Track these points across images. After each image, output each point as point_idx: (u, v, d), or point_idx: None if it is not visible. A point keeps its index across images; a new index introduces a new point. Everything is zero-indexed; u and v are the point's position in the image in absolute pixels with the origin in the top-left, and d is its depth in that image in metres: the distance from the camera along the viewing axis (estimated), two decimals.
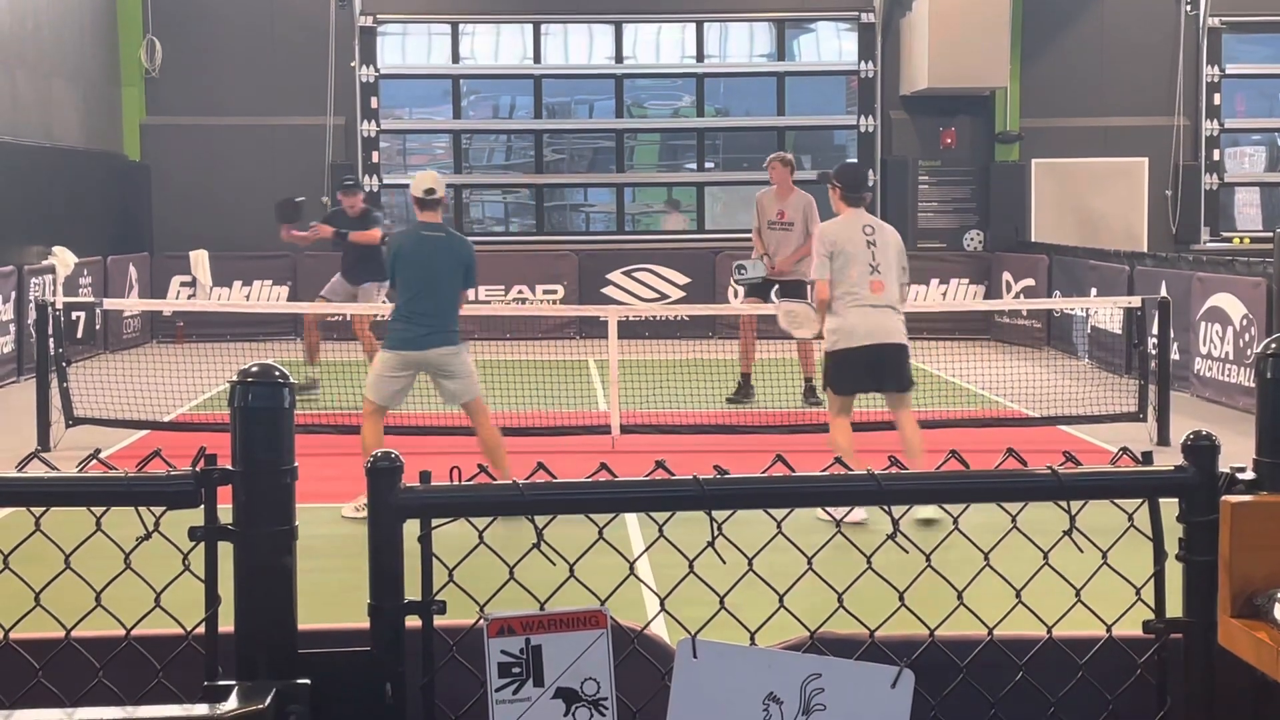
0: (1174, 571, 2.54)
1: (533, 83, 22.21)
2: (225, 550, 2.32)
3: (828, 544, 2.79)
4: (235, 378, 2.31)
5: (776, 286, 14.40)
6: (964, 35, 20.17)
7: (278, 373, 2.32)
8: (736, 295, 14.96)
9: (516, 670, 2.33)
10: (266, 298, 20.28)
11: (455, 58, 22.14)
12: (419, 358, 9.64)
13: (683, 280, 20.66)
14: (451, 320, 9.70)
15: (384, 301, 14.01)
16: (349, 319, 15.95)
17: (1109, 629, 2.63)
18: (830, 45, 22.58)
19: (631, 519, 8.29)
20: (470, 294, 9.88)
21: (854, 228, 9.52)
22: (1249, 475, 2.46)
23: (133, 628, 2.52)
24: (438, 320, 9.61)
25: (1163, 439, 11.95)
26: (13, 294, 16.16)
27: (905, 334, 9.61)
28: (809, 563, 2.61)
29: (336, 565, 7.35)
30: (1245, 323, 14.10)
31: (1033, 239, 21.07)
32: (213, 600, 2.34)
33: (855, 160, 20.22)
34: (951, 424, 12.54)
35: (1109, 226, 21.32)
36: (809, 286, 13.99)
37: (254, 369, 2.32)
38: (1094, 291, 17.47)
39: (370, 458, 2.38)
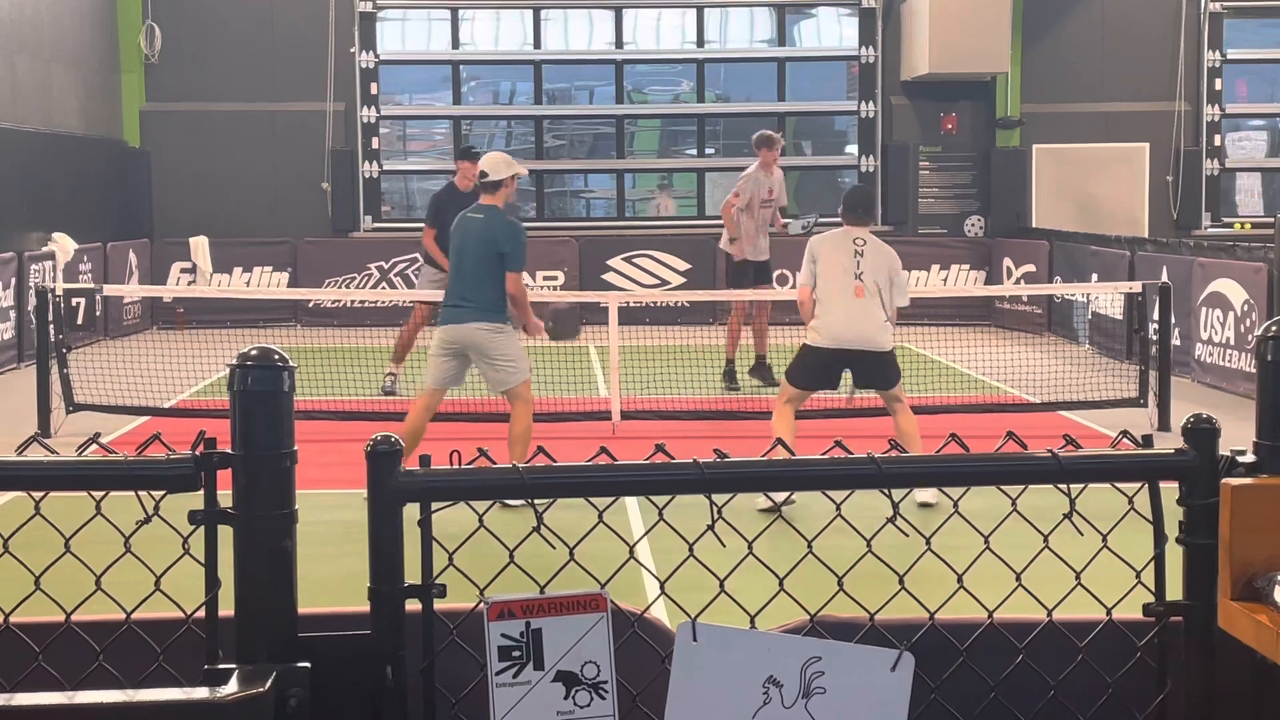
0: (1174, 555, 2.54)
1: (533, 68, 22.17)
2: (225, 534, 2.32)
3: (828, 527, 2.79)
4: (235, 361, 2.31)
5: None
6: (965, 20, 20.13)
7: (277, 356, 2.31)
8: (788, 227, 14.97)
9: (517, 654, 2.33)
10: (267, 284, 20.27)
11: (455, 43, 22.10)
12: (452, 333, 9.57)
13: (683, 266, 20.65)
14: (486, 298, 9.54)
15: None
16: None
17: (1109, 612, 2.63)
18: (831, 31, 22.54)
19: (631, 503, 8.30)
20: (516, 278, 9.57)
21: (844, 240, 9.73)
22: (1249, 458, 2.45)
23: (133, 611, 2.52)
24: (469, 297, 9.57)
25: (1163, 424, 11.94)
26: (13, 280, 16.15)
27: (887, 342, 9.61)
28: (809, 546, 2.61)
29: (337, 550, 7.36)
30: (1246, 308, 14.08)
31: (1033, 224, 21.05)
32: (213, 584, 2.34)
33: (863, 185, 20.21)
34: (951, 409, 12.54)
35: (1110, 212, 21.29)
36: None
37: (254, 352, 2.31)
38: (1095, 277, 17.46)
39: (370, 441, 2.37)
